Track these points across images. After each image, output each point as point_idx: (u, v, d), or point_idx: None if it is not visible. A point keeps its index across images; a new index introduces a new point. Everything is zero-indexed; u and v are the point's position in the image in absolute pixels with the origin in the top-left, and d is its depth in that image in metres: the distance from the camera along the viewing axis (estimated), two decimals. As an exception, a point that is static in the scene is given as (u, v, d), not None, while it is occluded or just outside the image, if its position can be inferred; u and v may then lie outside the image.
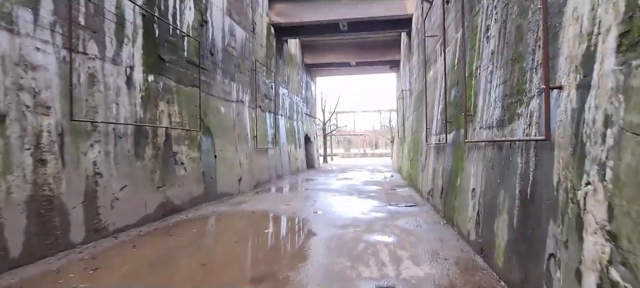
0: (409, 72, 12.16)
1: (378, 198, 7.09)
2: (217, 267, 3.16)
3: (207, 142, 6.86)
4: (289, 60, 14.10)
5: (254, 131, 9.56)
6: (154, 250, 3.70)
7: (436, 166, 5.90)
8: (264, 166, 10.31)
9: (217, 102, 7.47)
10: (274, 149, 11.49)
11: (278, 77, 12.44)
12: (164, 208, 5.31)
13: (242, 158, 8.57)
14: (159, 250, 3.68)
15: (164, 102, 5.53)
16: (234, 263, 3.29)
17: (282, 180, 11.25)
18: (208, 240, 4.15)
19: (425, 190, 6.84)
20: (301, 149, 15.92)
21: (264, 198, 7.32)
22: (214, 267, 3.16)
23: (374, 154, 39.79)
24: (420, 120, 8.43)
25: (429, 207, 5.94)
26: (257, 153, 9.71)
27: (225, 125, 7.78)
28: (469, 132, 3.99)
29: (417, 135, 8.92)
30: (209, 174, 6.79)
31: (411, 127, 10.58)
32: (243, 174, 8.45)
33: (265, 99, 10.80)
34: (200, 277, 2.92)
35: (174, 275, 2.95)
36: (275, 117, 11.75)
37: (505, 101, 2.96)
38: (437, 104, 6.34)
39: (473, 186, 3.67)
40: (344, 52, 16.86)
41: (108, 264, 3.23)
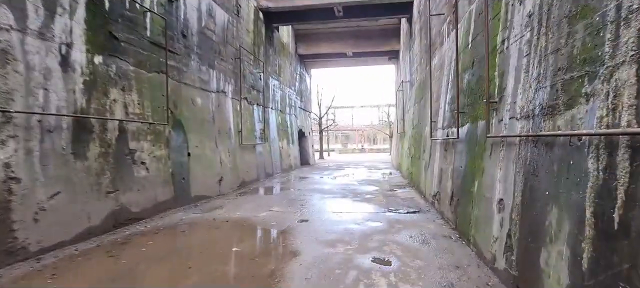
0: (409, 61, 11.23)
1: (375, 202, 6.19)
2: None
3: (178, 138, 5.92)
4: (280, 50, 13.13)
5: (238, 125, 8.62)
6: (77, 281, 2.79)
7: (444, 166, 5.00)
8: (251, 164, 9.39)
9: (191, 91, 6.52)
10: (263, 145, 10.56)
11: (268, 67, 11.48)
12: (117, 218, 4.39)
13: (224, 155, 7.65)
14: (85, 281, 2.77)
15: (118, 89, 4.59)
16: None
17: (272, 179, 10.34)
18: (153, 267, 3.24)
19: (429, 193, 5.95)
20: (294, 145, 15.00)
21: (246, 202, 6.42)
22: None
23: (372, 150, 38.93)
24: (423, 113, 7.52)
25: (435, 213, 5.05)
26: (242, 150, 8.79)
27: (202, 118, 6.84)
28: (492, 125, 3.08)
29: (419, 130, 8.02)
30: (179, 175, 5.87)
31: (412, 121, 9.67)
32: (224, 174, 7.53)
33: (252, 90, 9.85)
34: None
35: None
36: (264, 111, 10.81)
37: (557, 78, 2.05)
38: (444, 94, 5.42)
39: (500, 196, 2.77)
40: (339, 42, 15.88)
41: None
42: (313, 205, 6.01)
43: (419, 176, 7.26)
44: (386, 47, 15.63)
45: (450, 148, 4.69)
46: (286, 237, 3.99)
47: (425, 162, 6.72)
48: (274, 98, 12.13)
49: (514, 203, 2.48)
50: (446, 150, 4.96)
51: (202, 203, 6.20)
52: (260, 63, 10.61)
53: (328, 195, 7.03)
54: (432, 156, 6.07)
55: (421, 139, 7.59)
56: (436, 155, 5.66)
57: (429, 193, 5.91)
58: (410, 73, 11.11)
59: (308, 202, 6.32)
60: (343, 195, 7.10)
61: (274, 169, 11.39)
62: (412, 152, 9.07)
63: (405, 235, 3.94)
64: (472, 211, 3.46)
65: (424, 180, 6.57)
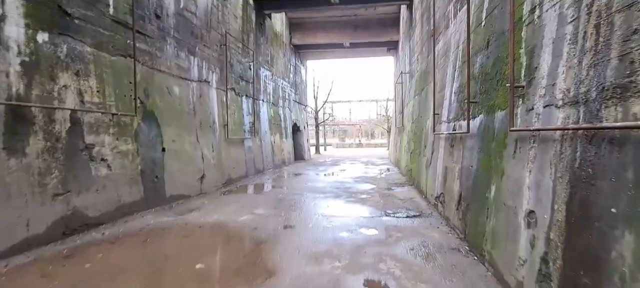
0: (409, 51, 10.57)
1: (371, 203, 5.58)
2: None
3: (149, 131, 5.26)
4: (273, 39, 12.42)
5: (224, 118, 7.96)
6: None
7: (449, 164, 4.38)
8: (239, 159, 8.74)
9: (167, 79, 5.84)
10: (253, 140, 9.91)
11: (258, 57, 10.78)
12: (68, 224, 3.75)
13: (206, 151, 6.99)
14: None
15: (70, 73, 3.91)
16: None
17: (262, 176, 9.70)
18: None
19: (431, 193, 5.34)
20: (288, 139, 14.35)
21: (229, 202, 5.78)
22: None
23: (369, 144, 38.33)
24: (425, 106, 6.88)
25: (438, 218, 4.44)
26: (228, 144, 8.14)
27: (180, 109, 6.17)
28: (517, 115, 2.45)
29: (420, 124, 7.39)
30: (151, 173, 5.22)
31: (411, 115, 9.04)
32: (207, 170, 6.89)
33: (241, 80, 9.17)
34: None
35: None
36: (254, 103, 10.14)
37: (632, 44, 1.41)
38: (450, 83, 4.79)
39: (529, 206, 2.15)
40: (336, 32, 15.17)
41: None
42: (302, 206, 5.38)
43: (420, 174, 6.64)
44: (385, 37, 14.93)
45: (458, 144, 4.06)
46: (265, 249, 3.36)
47: (426, 159, 6.10)
48: (265, 90, 11.45)
49: (554, 220, 1.86)
50: (452, 146, 4.33)
51: (179, 204, 5.55)
52: (250, 52, 9.91)
53: (320, 195, 6.41)
54: (434, 153, 5.44)
55: (422, 133, 6.97)
56: (440, 151, 5.03)
57: (431, 194, 5.30)
58: (409, 63, 10.46)
59: (297, 202, 5.70)
60: (336, 194, 6.47)
61: (265, 165, 10.75)
62: (411, 147, 8.45)
63: (406, 247, 3.32)
64: (487, 221, 2.84)
65: (425, 179, 5.96)
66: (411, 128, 8.85)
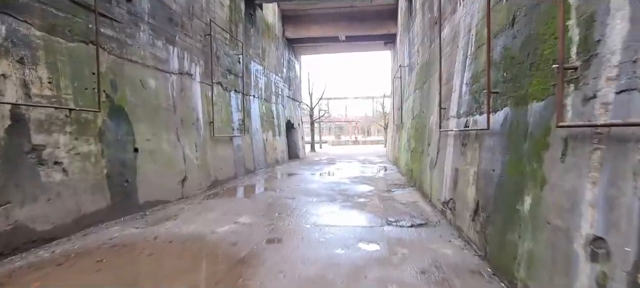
0: (408, 44, 9.98)
1: (370, 208, 4.99)
2: None
3: (118, 129, 4.62)
4: (264, 31, 11.76)
5: (209, 114, 7.32)
6: None
7: (461, 165, 3.79)
8: (227, 159, 8.11)
9: (140, 70, 5.19)
10: (243, 138, 9.28)
11: (248, 50, 10.12)
12: (8, 242, 3.11)
13: (189, 150, 6.36)
14: None
15: (10, 61, 3.26)
16: None
17: (253, 176, 9.08)
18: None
19: (437, 197, 4.76)
20: (282, 137, 13.73)
21: (211, 208, 5.16)
22: None
23: (366, 142, 37.80)
24: (428, 100, 6.30)
25: (448, 228, 3.86)
26: (215, 143, 7.50)
27: (156, 104, 5.52)
28: (567, 107, 1.86)
29: (422, 120, 6.81)
30: (120, 177, 4.58)
31: (411, 110, 8.46)
32: (189, 172, 6.25)
33: (228, 74, 8.52)
34: None
35: None
36: (244, 99, 9.49)
37: None
38: (460, 72, 4.20)
39: (594, 231, 1.56)
40: (331, 24, 14.52)
41: None
42: (292, 213, 4.78)
43: (422, 175, 6.06)
44: (382, 29, 14.32)
45: (472, 142, 3.48)
46: (241, 273, 2.75)
47: (430, 159, 5.52)
48: (256, 85, 10.81)
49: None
50: (464, 145, 3.74)
51: (154, 212, 4.92)
52: (239, 44, 9.25)
53: (313, 198, 5.81)
54: (441, 152, 4.86)
55: (424, 130, 6.39)
56: (448, 150, 4.45)
57: (438, 199, 4.72)
58: (409, 56, 9.87)
59: (287, 208, 5.09)
60: (331, 198, 5.88)
61: (256, 165, 10.13)
62: (412, 145, 7.87)
63: (414, 269, 2.73)
64: (519, 241, 2.26)
65: (430, 181, 5.38)
66: (411, 124, 8.27)
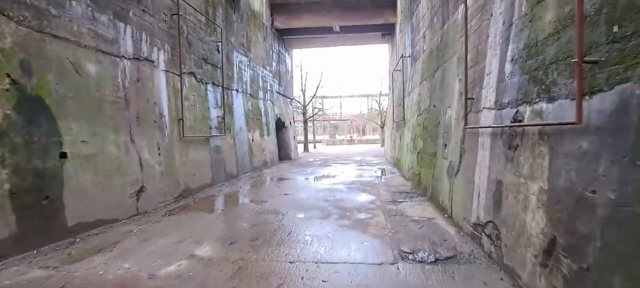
0: (410, 31, 8.85)
1: (375, 231, 3.83)
2: None
3: (32, 128, 3.39)
4: (250, 19, 10.54)
5: (178, 110, 6.10)
6: None
7: (508, 177, 2.64)
8: (201, 164, 6.90)
9: (73, 51, 3.96)
10: (223, 138, 8.06)
11: (230, 37, 8.90)
12: None
13: (148, 154, 5.13)
14: None
15: None
16: None
17: (235, 183, 7.87)
18: None
19: (463, 216, 3.62)
20: (271, 137, 12.52)
21: (165, 232, 3.97)
22: None
23: (361, 141, 36.70)
24: (442, 90, 5.15)
25: (488, 264, 2.71)
26: (185, 145, 6.28)
27: (98, 96, 4.30)
28: None
29: (433, 116, 5.66)
30: (35, 193, 3.35)
31: (417, 105, 7.32)
32: (149, 181, 5.04)
33: (204, 63, 7.30)
34: None
35: None
36: (224, 93, 8.28)
37: None
38: (498, 47, 3.05)
39: None
40: (324, 14, 13.33)
41: None
42: (272, 238, 3.60)
43: (437, 183, 4.92)
44: (379, 19, 13.18)
45: (533, 144, 2.33)
46: None
47: (449, 163, 4.38)
48: (240, 78, 9.58)
49: None
50: (514, 147, 2.59)
51: (88, 237, 3.71)
52: (218, 29, 8.03)
53: (301, 215, 4.63)
54: (467, 155, 3.71)
55: (437, 127, 5.24)
56: (480, 154, 3.30)
57: (464, 218, 3.57)
58: (411, 45, 8.74)
59: (267, 230, 3.91)
60: (324, 212, 4.71)
61: (240, 168, 8.91)
62: (418, 145, 6.73)
63: None
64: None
65: (449, 192, 4.24)
66: (417, 121, 7.13)
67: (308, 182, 7.87)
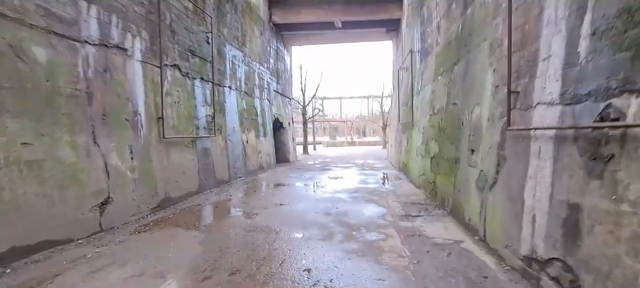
0: (420, 23, 8.06)
1: (390, 260, 3.02)
2: None
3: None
4: (245, 11, 9.75)
5: (157, 108, 5.30)
6: None
7: (593, 201, 1.82)
8: (187, 168, 6.09)
9: (13, 31, 3.16)
10: (213, 139, 7.26)
11: (222, 29, 8.11)
12: None
13: (117, 158, 4.33)
14: None
15: None
16: None
17: (225, 189, 7.06)
18: None
19: (505, 243, 2.80)
20: (268, 138, 11.71)
21: (127, 257, 3.16)
22: None
23: (362, 143, 35.88)
24: (465, 85, 4.34)
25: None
26: (166, 147, 5.48)
27: (49, 88, 3.49)
28: None
29: (452, 115, 4.86)
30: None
31: (430, 103, 6.52)
32: (117, 191, 4.23)
33: (191, 56, 6.50)
34: None
35: None
36: (215, 89, 7.48)
37: None
38: (565, 20, 2.25)
39: None
40: (325, 8, 12.54)
41: None
42: (259, 270, 2.79)
43: (460, 194, 4.11)
44: (383, 14, 12.38)
45: (643, 155, 1.53)
46: None
47: (480, 174, 3.57)
48: (234, 74, 8.78)
49: None
50: (601, 158, 1.79)
51: (23, 266, 2.90)
52: (208, 18, 7.24)
53: (298, 233, 3.82)
54: (509, 165, 2.90)
55: (462, 129, 4.44)
56: (535, 165, 2.49)
57: (506, 245, 2.76)
58: (421, 39, 7.95)
59: (252, 259, 3.10)
60: (326, 231, 3.90)
61: (232, 173, 8.10)
62: (432, 149, 5.93)
63: None
64: None
65: (479, 208, 3.43)
66: (430, 122, 6.33)
67: (307, 189, 7.07)
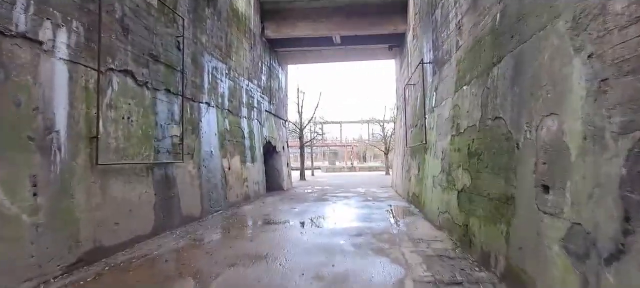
0: (432, 30, 6.84)
1: None
2: None
3: None
4: (231, 19, 8.59)
5: (91, 124, 3.92)
6: None
7: None
8: (135, 204, 4.64)
9: None
10: (180, 166, 5.85)
11: (201, 36, 6.88)
12: None
13: (1, 195, 2.89)
14: None
15: None
16: None
17: (192, 230, 5.57)
18: None
19: None
20: (257, 164, 10.28)
21: None
22: None
23: (362, 168, 34.39)
24: (526, 90, 2.95)
25: None
26: (104, 176, 4.06)
27: None
28: None
29: (492, 134, 3.44)
30: None
31: (451, 121, 5.15)
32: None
33: (152, 62, 5.20)
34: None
35: None
36: (189, 105, 6.15)
37: None
38: None
39: None
40: (323, 21, 11.48)
41: None
42: None
43: (524, 257, 2.65)
44: (387, 27, 11.29)
45: None
46: None
47: (573, 230, 2.14)
48: (214, 88, 7.48)
49: None
50: None
51: None
52: (178, 20, 6.00)
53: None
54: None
55: (518, 154, 3.02)
56: None
57: None
58: (434, 48, 6.69)
59: None
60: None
61: (206, 206, 6.62)
62: (461, 180, 4.50)
63: None
64: None
65: None
66: (454, 144, 4.94)
67: (296, 229, 5.58)
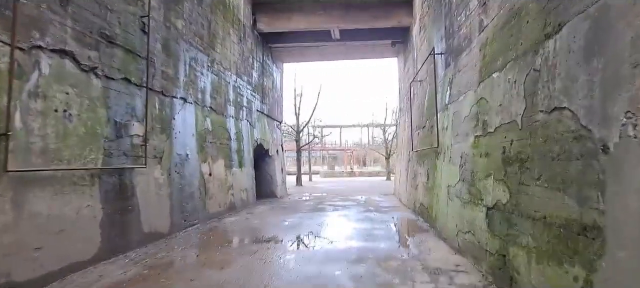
0: (445, 14, 5.86)
1: None
2: None
3: None
4: (216, 6, 7.61)
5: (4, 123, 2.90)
6: None
7: None
8: (70, 222, 3.60)
9: None
10: (143, 172, 4.83)
11: (175, 19, 5.89)
12: None
13: None
14: None
15: None
16: None
17: (153, 252, 4.53)
18: None
19: None
20: (245, 169, 9.25)
21: None
22: None
23: (362, 173, 33.33)
24: (619, 62, 1.93)
25: None
26: (20, 187, 3.03)
27: None
28: None
29: (551, 129, 2.41)
30: None
31: (474, 119, 4.13)
32: None
33: (105, 44, 4.19)
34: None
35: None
36: (156, 100, 5.15)
37: None
38: None
39: None
40: (320, 14, 10.51)
41: None
42: None
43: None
44: (390, 20, 10.33)
45: None
46: None
47: None
48: (192, 82, 6.48)
49: None
50: None
51: None
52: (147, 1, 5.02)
53: None
54: None
55: (604, 161, 2.01)
56: None
57: None
58: (446, 36, 5.70)
59: None
60: None
61: (177, 220, 5.59)
62: (488, 193, 3.49)
63: None
64: None
65: None
66: (480, 148, 3.92)
67: (282, 251, 4.55)
